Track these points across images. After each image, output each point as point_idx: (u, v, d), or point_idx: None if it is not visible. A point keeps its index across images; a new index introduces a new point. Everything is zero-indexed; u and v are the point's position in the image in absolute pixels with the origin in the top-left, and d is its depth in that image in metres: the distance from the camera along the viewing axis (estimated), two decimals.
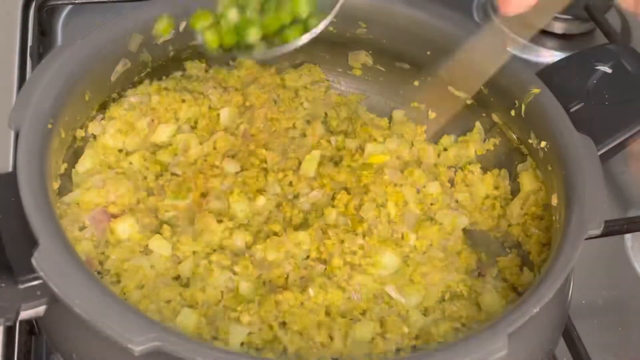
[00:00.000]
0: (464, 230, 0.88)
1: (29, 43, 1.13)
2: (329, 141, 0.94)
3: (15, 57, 1.10)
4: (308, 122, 0.97)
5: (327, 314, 0.77)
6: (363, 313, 0.79)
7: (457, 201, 0.91)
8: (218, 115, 0.93)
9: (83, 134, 0.85)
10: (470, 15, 1.32)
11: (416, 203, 0.88)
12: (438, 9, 0.89)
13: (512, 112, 0.84)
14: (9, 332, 0.80)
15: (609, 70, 0.87)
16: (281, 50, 0.75)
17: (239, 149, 0.91)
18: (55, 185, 0.77)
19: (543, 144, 0.80)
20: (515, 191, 0.88)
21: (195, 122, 0.92)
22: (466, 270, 0.84)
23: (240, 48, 0.75)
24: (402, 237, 0.86)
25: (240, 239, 0.81)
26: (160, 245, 0.80)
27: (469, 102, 0.92)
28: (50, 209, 0.64)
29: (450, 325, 0.77)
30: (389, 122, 0.98)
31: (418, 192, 0.89)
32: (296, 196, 0.88)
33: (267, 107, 0.95)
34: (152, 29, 0.85)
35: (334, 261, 0.81)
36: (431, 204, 0.89)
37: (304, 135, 0.95)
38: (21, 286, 0.62)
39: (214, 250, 0.80)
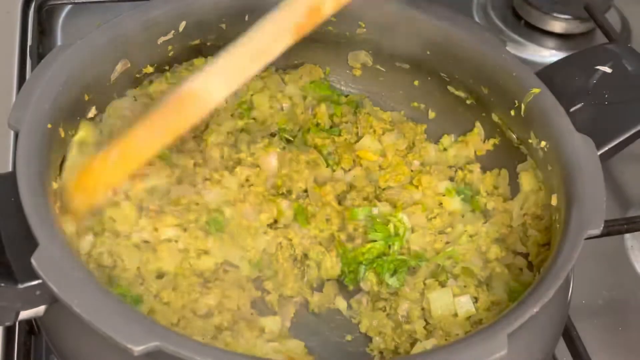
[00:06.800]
0: None
1: (29, 43, 1.13)
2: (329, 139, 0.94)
3: (15, 57, 1.10)
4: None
5: None
6: None
7: None
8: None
9: None
10: (470, 15, 1.32)
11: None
12: (438, 9, 0.89)
13: (512, 112, 0.84)
14: (9, 332, 0.80)
15: (609, 70, 0.87)
16: None
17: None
18: (55, 185, 0.77)
19: (543, 144, 0.80)
20: (515, 191, 0.88)
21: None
22: None
23: None
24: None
25: None
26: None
27: (468, 102, 0.92)
28: (49, 209, 0.64)
29: None
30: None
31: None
32: (289, 191, 0.88)
33: (267, 107, 0.95)
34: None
35: None
36: None
37: None
38: (21, 286, 0.61)
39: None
